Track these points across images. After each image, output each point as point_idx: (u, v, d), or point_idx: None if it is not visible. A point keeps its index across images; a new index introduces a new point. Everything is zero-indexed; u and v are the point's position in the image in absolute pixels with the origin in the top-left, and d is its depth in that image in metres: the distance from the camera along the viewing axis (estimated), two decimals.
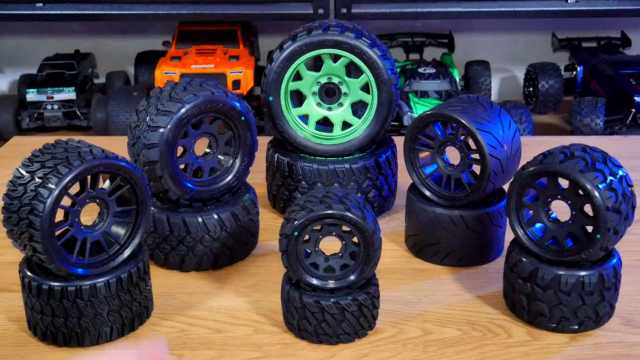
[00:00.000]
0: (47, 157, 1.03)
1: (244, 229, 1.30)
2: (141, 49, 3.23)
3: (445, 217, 1.27)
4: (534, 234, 1.11)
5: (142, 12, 2.84)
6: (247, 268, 1.31)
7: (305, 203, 1.07)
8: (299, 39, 1.37)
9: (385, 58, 1.37)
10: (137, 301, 1.11)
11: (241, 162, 1.30)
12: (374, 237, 1.06)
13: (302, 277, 1.08)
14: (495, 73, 3.32)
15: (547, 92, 3.03)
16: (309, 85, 1.42)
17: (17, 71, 3.27)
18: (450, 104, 1.27)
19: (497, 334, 1.12)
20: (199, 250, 1.27)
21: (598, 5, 2.86)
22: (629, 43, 3.14)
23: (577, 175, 1.03)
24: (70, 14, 2.84)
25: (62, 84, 2.91)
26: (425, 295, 1.22)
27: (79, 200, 1.06)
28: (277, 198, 1.48)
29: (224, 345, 1.10)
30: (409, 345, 1.09)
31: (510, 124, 1.26)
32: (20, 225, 1.01)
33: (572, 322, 1.09)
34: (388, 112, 1.40)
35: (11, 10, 2.84)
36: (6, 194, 1.03)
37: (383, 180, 1.44)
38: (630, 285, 1.22)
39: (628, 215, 1.06)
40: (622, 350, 1.07)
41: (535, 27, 3.32)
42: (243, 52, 2.95)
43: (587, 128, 2.68)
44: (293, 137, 1.42)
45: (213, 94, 1.22)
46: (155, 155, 1.19)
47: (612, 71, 2.87)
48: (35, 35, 3.35)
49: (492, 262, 1.31)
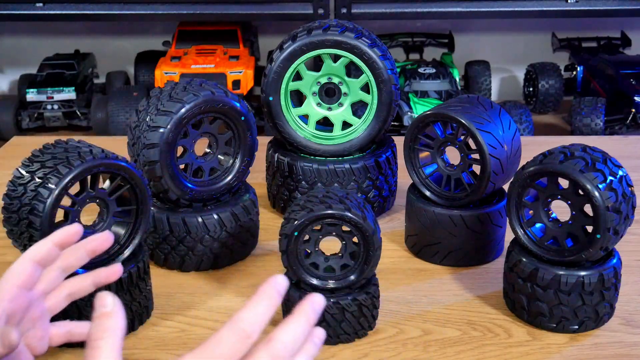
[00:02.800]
0: (47, 157, 1.03)
1: (244, 229, 1.30)
2: (141, 49, 3.24)
3: (445, 217, 1.27)
4: (534, 234, 1.11)
5: (142, 12, 2.84)
6: (247, 268, 1.31)
7: (305, 203, 1.07)
8: (299, 39, 1.37)
9: (385, 58, 1.37)
10: (137, 301, 1.11)
11: (241, 162, 1.30)
12: (374, 237, 1.06)
13: (302, 277, 1.08)
14: (495, 73, 3.32)
15: (547, 92, 3.03)
16: (309, 85, 1.42)
17: (17, 71, 3.27)
18: (450, 104, 1.27)
19: (497, 334, 1.12)
20: (199, 250, 1.27)
21: (598, 5, 2.86)
22: (629, 43, 3.14)
23: (577, 175, 1.03)
24: (70, 14, 2.84)
25: (62, 84, 2.92)
26: (425, 295, 1.22)
27: (79, 200, 1.06)
28: (277, 198, 1.48)
29: None
30: (409, 345, 1.09)
31: (510, 124, 1.26)
32: (20, 225, 1.01)
33: (572, 322, 1.10)
34: (388, 112, 1.40)
35: (11, 10, 2.84)
36: (6, 194, 1.03)
37: (383, 180, 1.44)
38: (630, 285, 1.22)
39: (628, 215, 1.06)
40: (622, 350, 1.08)
41: (535, 27, 3.32)
42: (243, 52, 2.95)
43: (587, 128, 2.68)
44: (293, 137, 1.42)
45: (213, 94, 1.22)
46: (155, 155, 1.19)
47: (612, 71, 2.88)
48: (35, 35, 3.35)
49: (492, 262, 1.31)
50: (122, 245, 1.10)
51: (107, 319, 0.69)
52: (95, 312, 0.70)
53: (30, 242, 1.02)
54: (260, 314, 0.66)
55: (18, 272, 0.84)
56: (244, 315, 0.66)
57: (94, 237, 0.91)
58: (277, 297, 0.68)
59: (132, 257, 1.11)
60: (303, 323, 0.67)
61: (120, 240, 1.11)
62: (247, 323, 0.66)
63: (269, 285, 0.68)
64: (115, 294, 1.06)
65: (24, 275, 0.84)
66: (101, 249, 0.91)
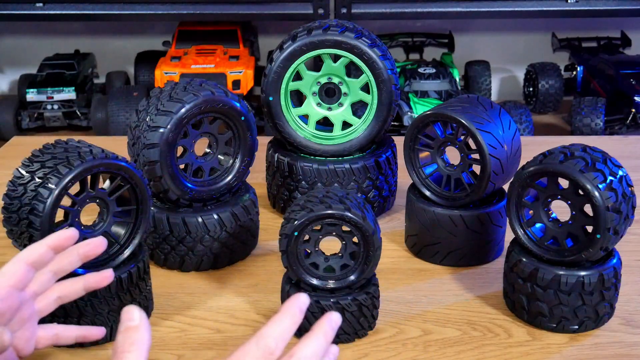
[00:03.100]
0: (47, 157, 1.03)
1: (244, 229, 1.30)
2: (141, 49, 3.24)
3: (445, 217, 1.27)
4: (534, 234, 1.11)
5: (142, 12, 2.84)
6: (247, 268, 1.31)
7: (305, 203, 1.07)
8: (299, 39, 1.37)
9: (385, 58, 1.37)
10: (137, 301, 1.11)
11: (241, 162, 1.30)
12: (374, 237, 1.06)
13: (302, 277, 1.08)
14: (495, 73, 3.32)
15: (547, 92, 3.03)
16: (309, 85, 1.42)
17: (17, 71, 3.27)
18: (450, 104, 1.27)
19: (497, 334, 1.12)
20: (199, 250, 1.27)
21: (598, 5, 2.86)
22: (629, 43, 3.14)
23: (577, 175, 1.03)
24: (70, 14, 2.84)
25: (62, 84, 2.92)
26: (425, 295, 1.22)
27: (79, 200, 1.06)
28: (277, 198, 1.48)
29: (224, 345, 1.10)
30: (409, 345, 1.09)
31: (510, 124, 1.26)
32: (20, 225, 1.01)
33: (572, 322, 1.10)
34: (388, 112, 1.40)
35: (11, 10, 2.84)
36: (6, 194, 1.03)
37: (383, 180, 1.44)
38: (630, 285, 1.22)
39: (628, 215, 1.06)
40: (622, 350, 1.08)
41: (535, 27, 3.32)
42: (243, 52, 2.95)
43: (587, 128, 2.68)
44: (293, 137, 1.42)
45: (213, 94, 1.22)
46: (155, 155, 1.19)
47: (612, 71, 2.88)
48: (35, 35, 3.35)
49: (492, 262, 1.31)
50: (122, 245, 1.10)
51: (134, 332, 0.71)
52: (121, 325, 0.71)
53: (30, 242, 1.01)
54: (284, 330, 0.70)
55: (11, 272, 0.86)
56: (269, 331, 0.69)
57: (87, 242, 0.93)
58: (299, 315, 0.72)
59: (132, 257, 1.11)
60: (322, 340, 0.71)
61: (120, 240, 1.11)
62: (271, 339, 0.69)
63: (292, 303, 0.72)
64: (115, 294, 1.08)
65: (16, 276, 0.86)
66: (94, 253, 0.93)
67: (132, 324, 0.71)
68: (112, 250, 1.10)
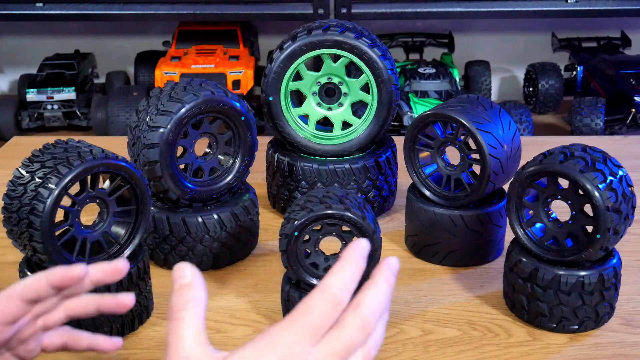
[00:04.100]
0: (47, 157, 1.03)
1: (244, 229, 1.30)
2: (141, 49, 3.23)
3: (445, 217, 1.27)
4: (534, 234, 1.11)
5: (142, 12, 2.84)
6: (247, 268, 1.31)
7: (305, 203, 1.07)
8: (299, 39, 1.37)
9: (385, 58, 1.37)
10: (137, 301, 1.11)
11: (241, 162, 1.30)
12: (374, 237, 1.06)
13: (302, 277, 1.08)
14: (495, 73, 3.32)
15: (547, 92, 3.03)
16: (309, 85, 1.42)
17: (17, 71, 3.27)
18: (450, 104, 1.27)
19: (497, 334, 1.12)
20: (199, 250, 1.27)
21: (598, 5, 2.86)
22: (629, 43, 3.14)
23: (577, 175, 1.03)
24: (70, 14, 2.84)
25: (62, 84, 2.91)
26: (425, 295, 1.22)
27: (79, 200, 1.06)
28: (277, 198, 1.48)
29: (224, 345, 1.10)
30: (409, 345, 1.09)
31: (510, 124, 1.26)
32: (20, 225, 1.01)
33: (572, 322, 1.10)
34: (388, 112, 1.40)
35: (11, 10, 2.84)
36: (6, 194, 1.03)
37: (383, 180, 1.44)
38: (630, 285, 1.22)
39: (628, 215, 1.06)
40: (622, 350, 1.08)
41: (535, 27, 3.32)
42: (243, 52, 2.95)
43: (587, 128, 2.68)
44: (293, 137, 1.42)
45: (213, 94, 1.22)
46: (155, 155, 1.19)
47: (612, 71, 2.87)
48: (35, 35, 3.35)
49: (492, 262, 1.31)
50: (122, 245, 1.10)
51: (188, 289, 0.67)
52: (174, 284, 0.68)
53: (30, 242, 1.02)
54: (349, 279, 0.64)
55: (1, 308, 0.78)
56: (333, 282, 0.63)
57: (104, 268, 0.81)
58: (362, 262, 0.65)
59: (132, 257, 1.11)
60: (385, 287, 0.65)
61: (120, 240, 1.11)
62: (337, 289, 0.63)
63: (354, 248, 0.65)
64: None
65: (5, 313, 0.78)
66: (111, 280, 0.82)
67: (185, 281, 0.67)
68: (112, 250, 1.10)
